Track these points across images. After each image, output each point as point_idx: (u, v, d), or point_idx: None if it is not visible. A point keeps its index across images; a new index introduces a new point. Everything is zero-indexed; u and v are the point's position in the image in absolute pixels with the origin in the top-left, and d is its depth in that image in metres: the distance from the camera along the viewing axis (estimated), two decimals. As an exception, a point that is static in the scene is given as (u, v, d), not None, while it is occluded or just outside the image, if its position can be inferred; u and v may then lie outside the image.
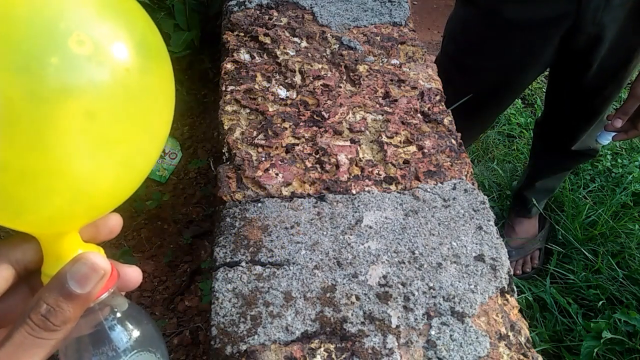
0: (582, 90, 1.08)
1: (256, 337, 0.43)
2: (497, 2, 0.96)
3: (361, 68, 0.72)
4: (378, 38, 0.78)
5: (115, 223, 0.31)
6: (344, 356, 0.43)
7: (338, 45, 0.75)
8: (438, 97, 0.70)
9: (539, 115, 1.61)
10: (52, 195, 0.25)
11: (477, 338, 0.46)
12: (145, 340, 0.31)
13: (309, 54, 0.73)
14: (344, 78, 0.70)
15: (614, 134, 1.00)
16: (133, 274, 0.30)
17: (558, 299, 1.21)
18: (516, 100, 1.87)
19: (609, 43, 0.96)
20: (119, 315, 0.30)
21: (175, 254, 0.86)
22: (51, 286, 0.27)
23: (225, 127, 0.61)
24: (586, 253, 1.32)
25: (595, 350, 1.05)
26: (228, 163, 0.57)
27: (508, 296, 0.51)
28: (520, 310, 0.51)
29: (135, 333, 0.31)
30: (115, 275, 0.29)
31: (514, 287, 0.52)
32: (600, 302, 1.19)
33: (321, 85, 0.68)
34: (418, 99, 0.69)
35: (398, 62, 0.74)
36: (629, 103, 0.94)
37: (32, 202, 0.25)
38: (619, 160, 1.66)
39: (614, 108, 1.71)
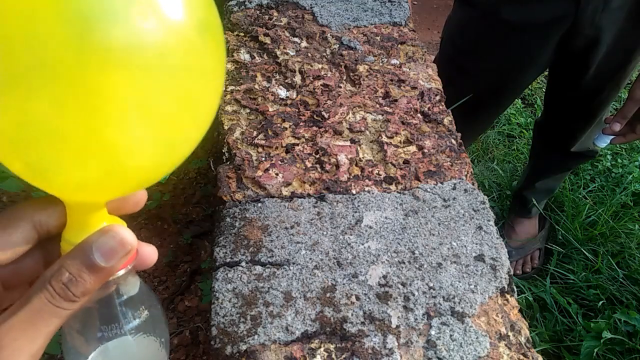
0: (581, 91, 1.08)
1: (256, 337, 0.43)
2: (496, 3, 0.96)
3: (361, 68, 0.72)
4: (378, 38, 0.78)
5: (141, 196, 0.30)
6: (344, 356, 0.43)
7: (338, 45, 0.75)
8: (438, 97, 0.70)
9: (539, 115, 1.61)
10: (88, 162, 0.24)
11: (477, 338, 0.46)
12: (152, 325, 0.31)
13: (309, 54, 0.73)
14: (344, 78, 0.70)
15: (612, 137, 1.00)
16: (150, 253, 0.29)
17: (558, 299, 1.21)
18: (516, 100, 1.87)
19: (607, 45, 0.96)
20: (131, 293, 0.30)
21: (175, 254, 0.86)
22: (75, 254, 0.26)
23: (225, 127, 0.61)
24: (586, 253, 1.32)
25: (596, 350, 1.05)
26: (228, 163, 0.57)
27: (508, 296, 0.51)
28: (520, 310, 0.51)
29: (144, 315, 0.30)
30: (136, 251, 0.28)
31: (514, 287, 0.52)
32: (600, 302, 1.19)
33: (321, 85, 0.68)
34: (418, 99, 0.69)
35: (398, 62, 0.74)
36: (627, 106, 0.94)
37: (67, 166, 0.24)
38: (619, 160, 1.66)
39: (613, 108, 1.71)
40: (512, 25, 0.96)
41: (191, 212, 0.98)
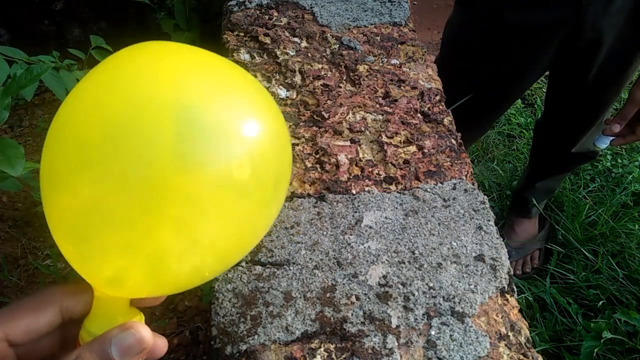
0: (582, 94, 1.08)
1: (256, 337, 0.43)
2: (496, 6, 0.96)
3: (361, 68, 0.71)
4: (378, 38, 0.78)
5: (162, 346, 0.31)
6: (344, 356, 0.43)
7: (338, 45, 0.75)
8: (438, 97, 0.70)
9: (539, 115, 1.61)
10: (135, 260, 0.26)
11: (477, 338, 0.46)
12: None
13: (309, 54, 0.73)
14: (344, 78, 0.70)
15: (612, 138, 1.00)
16: (161, 345, 0.31)
17: (558, 299, 1.21)
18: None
19: (608, 48, 0.96)
20: None
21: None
22: (93, 347, 0.27)
23: (225, 127, 0.61)
24: (586, 253, 1.32)
25: (596, 350, 1.05)
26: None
27: (508, 296, 0.51)
28: (520, 310, 0.51)
29: None
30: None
31: (514, 287, 0.52)
32: (600, 302, 1.19)
33: (321, 85, 0.68)
34: (418, 99, 0.69)
35: (398, 62, 0.74)
36: (627, 108, 0.94)
37: (114, 260, 0.26)
38: (619, 160, 1.66)
39: (614, 109, 1.71)
40: (512, 29, 0.96)
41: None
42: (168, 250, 0.25)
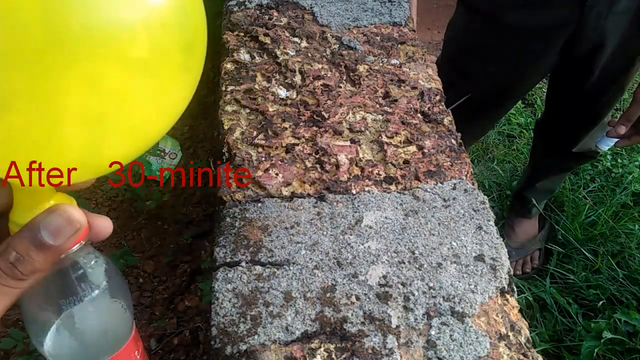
0: (584, 94, 1.08)
1: (256, 337, 0.43)
2: (499, 8, 0.96)
3: (361, 68, 0.72)
4: (378, 38, 0.78)
5: (105, 225, 0.30)
6: (343, 356, 0.43)
7: (338, 45, 0.75)
8: (438, 97, 0.70)
9: (539, 115, 1.61)
10: (39, 136, 0.22)
11: (477, 338, 0.46)
12: (113, 292, 0.31)
13: (309, 54, 0.73)
14: (344, 78, 0.70)
15: (615, 140, 1.00)
16: (104, 225, 0.29)
17: (558, 299, 1.21)
18: (516, 100, 1.86)
19: (611, 49, 0.96)
20: (88, 266, 0.30)
21: (175, 254, 0.86)
22: (22, 234, 0.26)
23: (225, 127, 0.61)
24: (586, 253, 1.32)
25: (596, 350, 1.05)
26: (228, 163, 0.57)
27: (508, 296, 0.51)
28: (520, 311, 0.51)
29: (103, 285, 0.31)
30: (87, 227, 0.28)
31: (514, 287, 0.52)
32: (601, 302, 1.19)
33: (321, 85, 0.68)
34: (418, 99, 0.69)
35: (398, 62, 0.74)
36: (632, 109, 0.94)
37: (20, 143, 0.23)
38: (619, 160, 1.66)
39: (615, 109, 1.71)
40: (515, 31, 0.96)
41: (191, 212, 0.98)
42: (69, 138, 0.23)
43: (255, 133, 0.60)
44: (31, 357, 0.72)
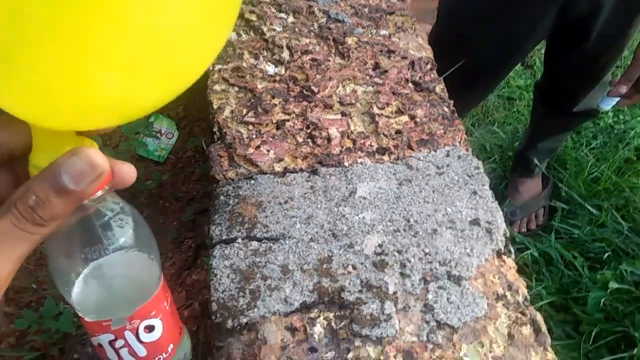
0: (582, 56, 1.06)
1: (256, 310, 0.44)
2: None
3: (350, 40, 0.71)
4: (366, 9, 0.77)
5: (129, 172, 0.28)
6: (343, 323, 0.44)
7: (325, 19, 0.74)
8: (429, 66, 0.69)
9: (538, 77, 1.59)
10: (64, 76, 0.21)
11: (474, 300, 0.47)
12: (139, 241, 0.31)
13: (296, 29, 0.72)
14: (333, 51, 0.70)
15: (616, 99, 0.99)
16: (127, 171, 0.28)
17: (564, 253, 1.22)
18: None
19: (609, 10, 0.94)
20: (111, 213, 0.29)
21: (179, 230, 0.87)
22: (42, 178, 0.24)
23: (215, 107, 0.61)
24: (590, 208, 1.32)
25: (602, 300, 1.06)
26: (219, 142, 0.57)
27: (505, 257, 0.52)
28: (518, 265, 0.51)
29: (128, 232, 0.30)
30: (109, 173, 0.27)
31: (511, 249, 0.53)
32: (606, 254, 1.20)
33: (310, 59, 0.67)
34: (409, 69, 0.68)
35: (387, 33, 0.73)
36: (633, 69, 0.93)
37: (41, 85, 0.21)
38: (621, 117, 1.64)
39: (616, 67, 1.68)
40: None
41: (192, 189, 0.99)
42: (96, 80, 0.21)
43: (245, 111, 0.60)
44: (45, 336, 0.74)
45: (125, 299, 0.32)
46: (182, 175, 1.02)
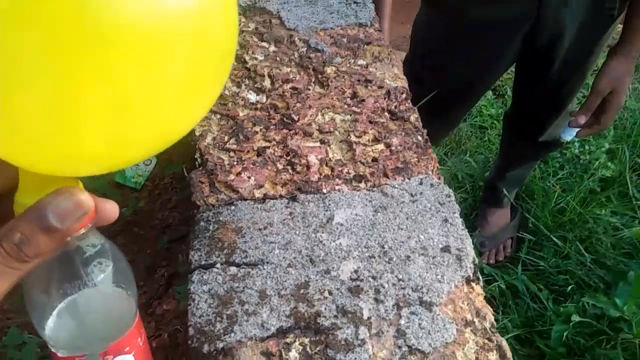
0: (546, 84, 1.12)
1: (232, 334, 0.44)
2: (461, 3, 0.99)
3: (329, 70, 0.74)
4: (345, 39, 0.80)
5: (112, 209, 0.29)
6: (318, 349, 0.45)
7: (306, 49, 0.77)
8: (404, 95, 0.72)
9: (509, 106, 1.66)
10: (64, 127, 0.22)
11: (444, 325, 0.48)
12: (117, 277, 0.31)
13: (278, 58, 0.75)
14: (313, 80, 0.72)
15: (577, 130, 1.04)
16: (110, 209, 0.29)
17: (529, 285, 1.25)
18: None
19: (570, 39, 1.00)
20: (91, 250, 0.30)
21: (153, 259, 0.86)
22: (28, 216, 0.25)
23: (197, 134, 0.62)
24: (555, 240, 1.37)
25: (565, 333, 1.09)
26: (201, 168, 0.59)
27: (473, 284, 0.54)
28: (485, 298, 0.54)
29: (107, 269, 0.30)
30: (93, 211, 0.27)
31: (479, 276, 0.55)
32: (570, 287, 1.24)
33: (290, 88, 0.70)
34: (385, 98, 0.71)
35: (365, 63, 0.76)
36: (591, 99, 0.98)
37: (42, 132, 0.22)
38: (587, 147, 1.72)
39: (578, 97, 1.77)
40: (477, 24, 1.00)
41: (167, 217, 0.99)
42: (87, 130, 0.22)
43: (226, 138, 0.62)
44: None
45: (100, 334, 0.33)
46: (158, 202, 1.01)
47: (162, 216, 0.96)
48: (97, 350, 0.32)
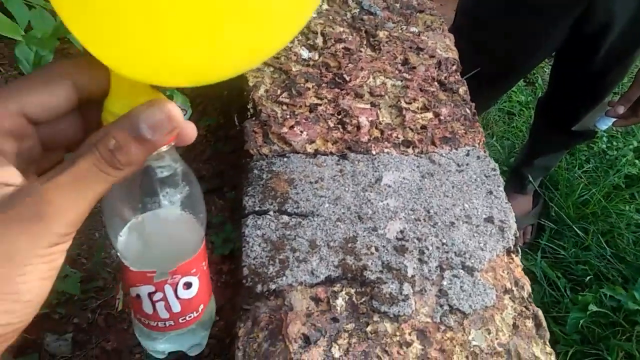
0: (588, 73, 1.11)
1: (284, 278, 0.46)
2: None
3: (381, 34, 0.73)
4: (397, 5, 0.79)
5: (191, 130, 0.29)
6: (363, 299, 0.47)
7: (358, 10, 0.77)
8: (455, 67, 0.72)
9: (541, 94, 1.63)
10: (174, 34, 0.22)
11: (484, 290, 0.50)
12: (191, 202, 0.31)
13: (330, 17, 0.74)
14: (365, 42, 0.72)
15: (614, 119, 1.03)
16: (190, 130, 0.29)
17: (548, 272, 1.26)
18: (519, 78, 1.88)
19: (618, 30, 0.98)
20: (172, 170, 0.30)
21: (187, 208, 0.88)
22: (121, 124, 0.25)
23: (250, 84, 0.63)
24: (577, 230, 1.37)
25: (581, 321, 1.10)
26: (253, 119, 0.59)
27: (513, 255, 0.55)
28: (524, 269, 0.55)
29: (184, 191, 0.30)
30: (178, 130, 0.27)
31: (519, 249, 0.56)
32: (588, 278, 1.24)
33: (342, 48, 0.70)
34: (436, 68, 0.71)
35: (417, 30, 0.76)
36: (632, 90, 0.97)
37: (147, 36, 0.22)
38: (614, 143, 1.70)
39: (614, 92, 1.74)
40: (528, 7, 0.98)
41: (201, 168, 1.00)
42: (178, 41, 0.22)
43: (279, 91, 0.62)
44: (51, 296, 0.75)
45: (170, 253, 0.33)
46: (192, 153, 1.02)
47: (195, 167, 0.97)
48: (166, 268, 0.32)
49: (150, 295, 0.33)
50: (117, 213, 0.30)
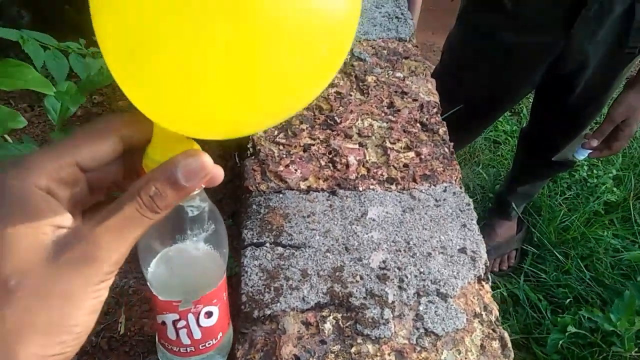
0: (566, 109, 1.19)
1: (278, 304, 0.52)
2: (495, 28, 1.06)
3: (369, 79, 0.81)
4: (385, 51, 0.87)
5: (219, 173, 0.32)
6: (348, 323, 0.53)
7: (349, 56, 0.84)
8: (435, 110, 0.79)
9: (525, 124, 1.72)
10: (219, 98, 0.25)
11: (456, 314, 0.56)
12: (216, 239, 0.35)
13: (324, 63, 0.82)
14: (354, 87, 0.79)
15: (590, 151, 1.12)
16: (218, 174, 0.31)
17: (530, 295, 1.33)
18: (504, 108, 1.97)
19: (593, 69, 1.07)
20: (201, 209, 0.33)
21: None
22: (161, 172, 0.29)
23: (251, 126, 0.70)
24: (558, 255, 1.44)
25: (560, 342, 1.17)
26: (253, 157, 0.66)
27: (483, 283, 0.61)
28: (492, 295, 0.61)
29: (210, 228, 0.34)
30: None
31: (489, 276, 0.62)
32: (568, 300, 1.31)
33: (334, 92, 0.77)
34: (418, 110, 0.78)
35: (402, 75, 0.83)
36: (605, 125, 1.05)
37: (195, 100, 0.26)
38: (595, 171, 1.78)
39: (595, 123, 1.83)
40: (508, 48, 1.07)
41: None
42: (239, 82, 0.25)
43: (276, 132, 0.69)
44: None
45: (195, 284, 0.37)
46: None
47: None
48: (191, 298, 0.37)
49: (174, 322, 0.37)
50: (149, 247, 0.35)
